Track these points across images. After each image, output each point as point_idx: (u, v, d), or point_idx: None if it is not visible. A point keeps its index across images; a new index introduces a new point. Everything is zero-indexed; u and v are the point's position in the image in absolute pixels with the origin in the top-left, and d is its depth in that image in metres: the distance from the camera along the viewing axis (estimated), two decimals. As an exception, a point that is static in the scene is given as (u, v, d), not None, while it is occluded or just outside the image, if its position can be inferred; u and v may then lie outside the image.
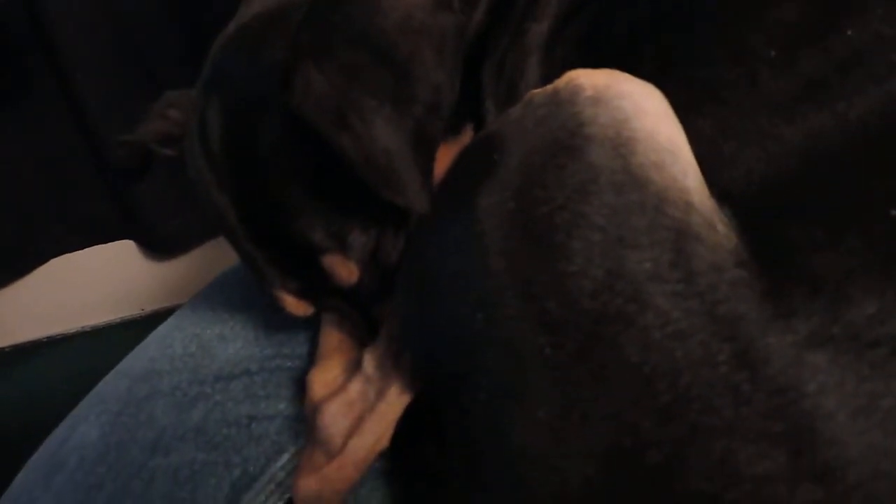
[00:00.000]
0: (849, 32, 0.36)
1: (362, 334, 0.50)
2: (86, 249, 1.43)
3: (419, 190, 0.40)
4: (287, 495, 0.53)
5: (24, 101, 1.30)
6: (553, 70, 0.45)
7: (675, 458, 0.32)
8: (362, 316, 0.49)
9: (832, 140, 0.35)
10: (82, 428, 0.56)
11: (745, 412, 0.32)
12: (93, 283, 1.45)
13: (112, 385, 0.58)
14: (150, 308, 1.46)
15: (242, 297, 0.61)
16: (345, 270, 0.46)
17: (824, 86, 0.36)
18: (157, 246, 1.45)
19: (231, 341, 0.58)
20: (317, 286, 0.48)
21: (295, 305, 0.50)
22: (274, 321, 0.58)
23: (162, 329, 0.62)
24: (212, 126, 0.47)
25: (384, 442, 0.47)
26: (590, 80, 0.40)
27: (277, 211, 0.46)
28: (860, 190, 0.34)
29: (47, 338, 1.46)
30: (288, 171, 0.45)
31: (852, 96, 0.35)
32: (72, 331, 1.47)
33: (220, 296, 0.64)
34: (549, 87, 0.41)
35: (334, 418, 0.47)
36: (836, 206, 0.35)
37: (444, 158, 0.45)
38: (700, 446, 0.32)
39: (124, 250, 1.44)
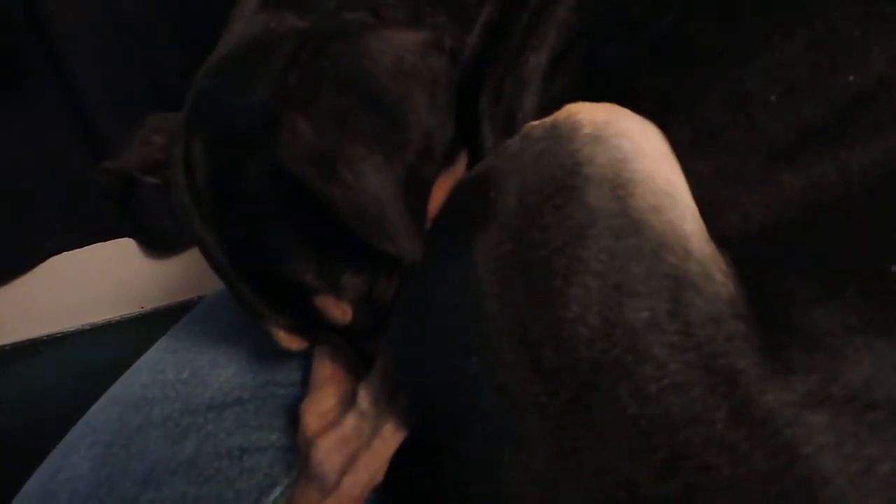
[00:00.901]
0: (850, 78, 0.35)
1: (356, 367, 0.49)
2: (86, 247, 1.43)
3: (412, 238, 0.39)
4: (280, 530, 0.52)
5: (24, 99, 1.29)
6: (551, 100, 0.44)
7: None
8: (356, 350, 0.49)
9: (832, 189, 0.35)
10: (74, 459, 0.55)
11: (742, 472, 0.31)
12: (93, 280, 1.45)
13: (104, 413, 0.58)
14: (149, 306, 1.46)
15: (234, 319, 0.61)
16: (338, 311, 0.46)
17: (825, 132, 0.36)
18: (157, 244, 1.44)
19: (223, 367, 0.58)
20: (309, 323, 0.48)
21: (287, 340, 0.49)
22: (266, 346, 0.58)
23: (154, 353, 0.62)
24: (197, 163, 0.46)
25: (379, 478, 0.46)
26: (589, 116, 0.39)
27: (266, 251, 0.45)
28: (860, 243, 0.34)
29: (47, 336, 1.46)
30: (275, 214, 0.44)
31: (853, 144, 0.35)
32: (72, 329, 1.47)
33: (211, 318, 0.63)
34: (548, 120, 0.40)
35: (329, 454, 0.46)
36: (835, 258, 0.34)
37: (439, 190, 0.45)
38: None
39: (124, 248, 1.43)
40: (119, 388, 0.59)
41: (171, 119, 0.51)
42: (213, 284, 0.65)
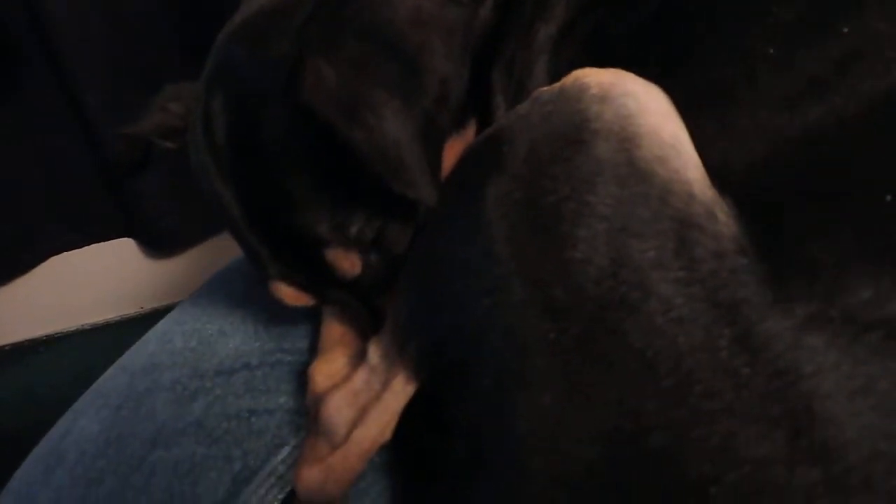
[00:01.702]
0: (846, 30, 0.38)
1: (365, 326, 0.50)
2: (85, 248, 1.43)
3: (429, 182, 0.41)
4: (288, 488, 0.53)
5: (23, 99, 1.30)
6: (561, 70, 0.46)
7: (677, 442, 0.33)
8: (366, 307, 0.50)
9: (830, 133, 0.36)
10: (82, 422, 0.56)
11: (744, 395, 0.32)
12: (92, 281, 1.45)
13: (112, 379, 0.58)
14: (149, 306, 1.47)
15: (243, 291, 0.62)
16: (347, 263, 0.47)
17: (823, 83, 0.37)
18: (157, 244, 1.45)
19: (231, 336, 0.58)
20: (320, 279, 0.49)
21: (295, 297, 0.50)
22: (274, 316, 0.59)
23: (162, 324, 0.63)
24: (216, 119, 0.47)
25: (388, 433, 0.47)
26: (596, 78, 0.41)
27: (281, 204, 0.46)
28: (857, 177, 0.35)
29: (46, 336, 1.46)
30: (293, 164, 0.45)
31: (850, 92, 0.37)
32: (71, 329, 1.47)
33: (220, 291, 0.64)
34: (556, 84, 0.42)
35: (338, 409, 0.47)
36: (833, 193, 0.36)
37: (451, 152, 0.46)
38: (701, 430, 0.33)
39: (123, 248, 1.44)
40: (128, 357, 0.60)
41: (189, 88, 0.52)
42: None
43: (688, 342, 0.34)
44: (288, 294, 0.50)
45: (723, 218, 0.36)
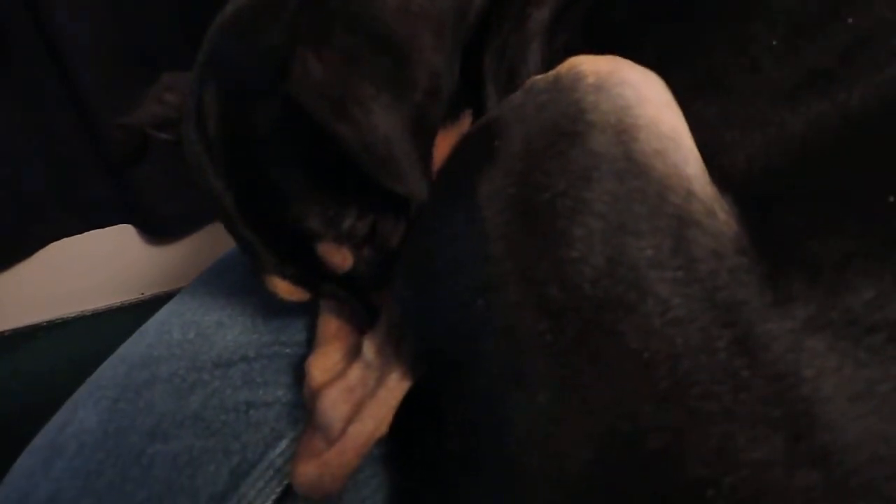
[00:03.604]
0: (850, 20, 0.36)
1: (361, 321, 0.50)
2: (85, 234, 1.43)
3: (419, 178, 0.40)
4: (286, 482, 0.53)
5: (22, 85, 1.29)
6: (555, 55, 0.45)
7: (674, 444, 0.33)
8: (361, 302, 0.49)
9: (833, 127, 0.35)
10: (81, 414, 0.56)
11: (743, 397, 0.32)
12: (92, 267, 1.45)
13: (110, 371, 0.58)
14: (149, 292, 1.47)
15: (240, 283, 0.61)
16: (339, 257, 0.46)
17: (826, 74, 0.36)
18: (157, 230, 1.45)
19: (229, 328, 0.58)
20: (313, 272, 0.48)
21: (289, 291, 0.49)
22: (272, 308, 0.58)
23: (160, 315, 0.62)
24: (208, 110, 0.46)
25: (384, 428, 0.47)
26: (592, 66, 0.40)
27: (273, 196, 0.46)
28: (859, 176, 0.34)
29: (47, 322, 1.46)
30: (284, 157, 0.44)
31: (853, 84, 0.36)
32: (71, 315, 1.47)
33: (218, 282, 0.64)
34: (551, 73, 0.41)
35: (334, 404, 0.47)
36: (835, 191, 0.35)
37: (444, 145, 0.45)
38: (699, 432, 0.32)
39: (123, 234, 1.44)
40: (126, 348, 0.60)
41: (184, 78, 0.52)
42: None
43: (686, 343, 0.33)
44: (282, 288, 0.49)
45: (722, 216, 0.35)
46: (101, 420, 0.54)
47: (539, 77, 0.41)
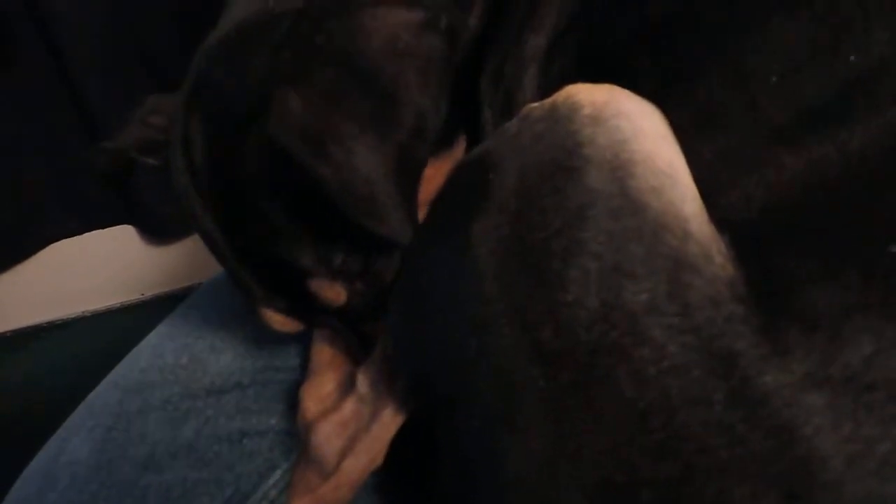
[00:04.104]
0: (852, 58, 0.35)
1: (355, 352, 0.49)
2: (85, 234, 1.43)
3: (402, 219, 0.39)
4: (280, 513, 0.53)
5: (22, 85, 1.28)
6: (551, 82, 0.44)
7: (668, 498, 0.32)
8: (355, 334, 0.49)
9: (833, 170, 0.34)
10: (74, 442, 0.55)
11: (739, 453, 0.31)
12: (93, 267, 1.45)
13: (104, 397, 0.58)
14: (150, 293, 1.46)
15: (232, 305, 0.60)
16: (332, 293, 0.46)
17: (825, 114, 0.35)
18: (157, 231, 1.44)
19: (222, 352, 0.58)
20: (305, 306, 0.47)
21: (282, 323, 0.49)
22: (265, 331, 0.58)
23: (153, 338, 0.62)
24: (195, 139, 0.45)
25: (378, 461, 0.46)
26: (589, 97, 0.39)
27: (262, 231, 0.45)
28: (860, 224, 0.33)
29: (47, 322, 1.46)
30: (272, 193, 0.43)
31: (854, 125, 0.34)
32: (72, 315, 1.47)
33: (210, 304, 0.63)
34: (548, 101, 0.40)
35: (328, 438, 0.46)
36: (835, 239, 0.34)
37: (438, 173, 0.45)
38: (694, 486, 0.31)
39: (124, 235, 1.43)
40: (118, 373, 0.59)
41: (170, 100, 0.51)
42: (212, 271, 0.65)
43: (681, 394, 0.32)
44: (275, 320, 0.49)
45: (719, 259, 0.34)
46: (93, 449, 0.54)
47: (535, 105, 0.40)
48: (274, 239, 0.44)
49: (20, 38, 1.24)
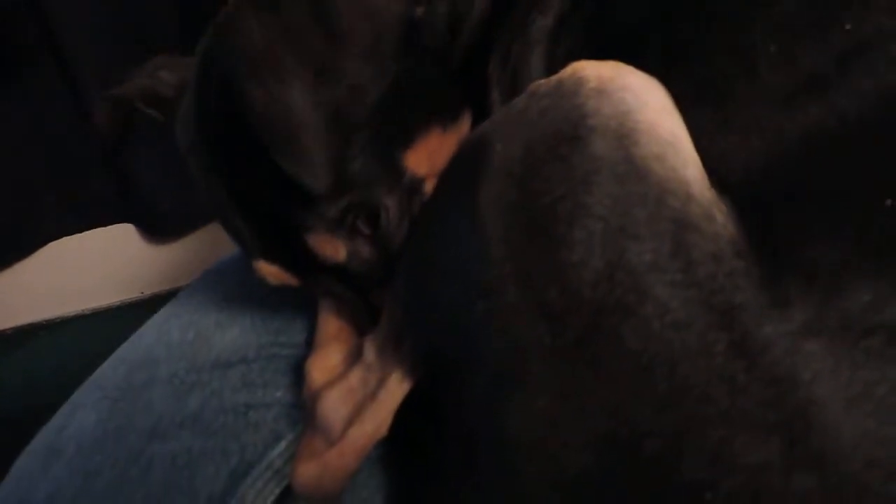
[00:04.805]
0: (848, 27, 0.37)
1: (362, 321, 0.50)
2: (85, 232, 1.44)
3: (322, 166, 0.40)
4: (285, 482, 0.53)
5: (24, 84, 1.29)
6: (557, 61, 0.45)
7: (672, 448, 0.33)
8: (362, 301, 0.49)
9: (831, 132, 0.36)
10: (80, 415, 0.56)
11: (740, 402, 0.32)
12: (92, 266, 1.45)
13: (110, 371, 0.58)
14: (149, 291, 1.47)
15: (239, 284, 0.61)
16: (330, 249, 0.46)
17: (824, 80, 0.37)
18: (157, 229, 1.45)
19: (228, 328, 0.58)
20: (303, 261, 0.48)
21: (277, 275, 0.49)
22: (271, 309, 0.58)
23: (159, 316, 0.62)
24: (209, 93, 0.46)
25: (384, 429, 0.47)
26: (594, 71, 0.40)
27: (263, 185, 0.45)
28: (857, 180, 0.35)
29: (47, 321, 1.46)
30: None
31: (851, 90, 0.36)
32: (72, 314, 1.47)
33: (216, 283, 0.64)
34: (554, 78, 0.41)
35: (335, 405, 0.47)
36: (833, 195, 0.35)
37: (444, 147, 0.46)
38: (696, 436, 0.32)
39: (124, 233, 1.44)
40: (125, 349, 0.60)
41: (183, 61, 0.51)
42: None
43: (684, 347, 0.33)
44: (270, 272, 0.49)
45: (720, 219, 0.35)
46: (99, 420, 0.55)
47: (541, 82, 0.41)
48: (272, 191, 0.44)
49: (21, 36, 1.25)
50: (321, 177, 0.40)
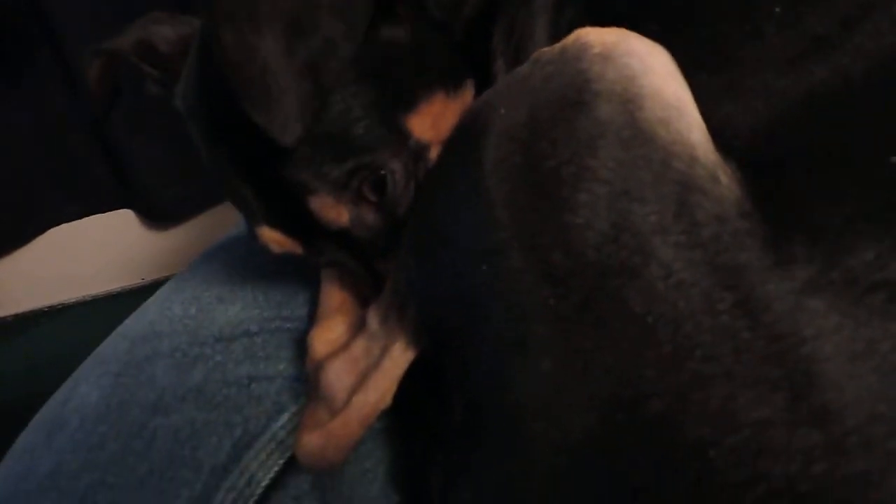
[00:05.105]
0: None
1: (365, 292, 0.50)
2: (85, 219, 1.44)
3: (290, 116, 0.39)
4: (288, 453, 0.53)
5: (24, 72, 1.29)
6: (561, 30, 0.45)
7: (676, 407, 0.33)
8: (367, 270, 0.49)
9: (834, 93, 0.36)
10: (83, 389, 0.56)
11: (744, 359, 0.32)
12: (93, 252, 1.46)
13: (112, 346, 0.58)
14: (150, 277, 1.47)
15: (241, 260, 0.61)
16: (333, 213, 0.46)
17: (828, 41, 0.37)
18: (157, 215, 1.45)
19: (230, 303, 0.58)
20: (307, 227, 0.47)
21: (280, 242, 0.49)
22: (273, 283, 0.58)
23: (162, 292, 0.63)
24: (208, 55, 0.45)
25: (388, 399, 0.47)
26: (598, 37, 0.40)
27: (265, 147, 0.44)
28: (861, 140, 0.35)
29: (48, 307, 1.47)
30: None
31: (855, 51, 0.36)
32: (72, 300, 1.47)
33: (218, 259, 0.64)
34: (558, 45, 0.41)
35: (338, 375, 0.47)
36: (836, 155, 0.35)
37: (448, 113, 0.46)
38: (700, 394, 0.32)
39: (124, 220, 1.44)
40: (127, 325, 0.60)
41: (179, 18, 0.51)
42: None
43: (688, 307, 0.33)
44: (274, 239, 0.49)
45: (725, 181, 0.36)
46: (103, 394, 0.54)
47: (546, 49, 0.41)
48: (275, 154, 0.44)
49: (19, 25, 1.25)
50: (290, 128, 0.40)
